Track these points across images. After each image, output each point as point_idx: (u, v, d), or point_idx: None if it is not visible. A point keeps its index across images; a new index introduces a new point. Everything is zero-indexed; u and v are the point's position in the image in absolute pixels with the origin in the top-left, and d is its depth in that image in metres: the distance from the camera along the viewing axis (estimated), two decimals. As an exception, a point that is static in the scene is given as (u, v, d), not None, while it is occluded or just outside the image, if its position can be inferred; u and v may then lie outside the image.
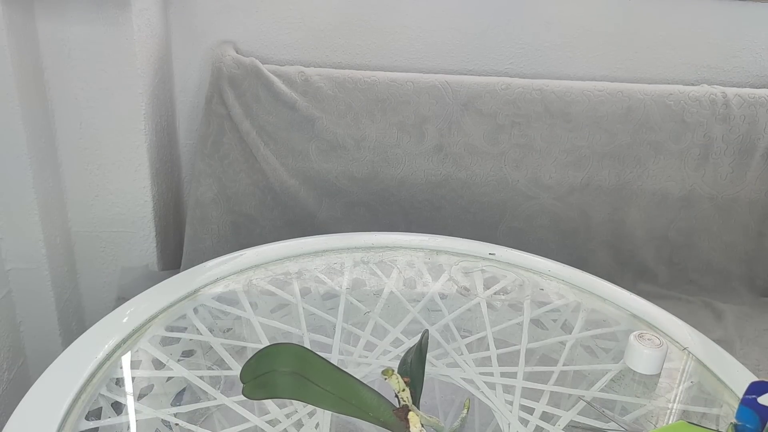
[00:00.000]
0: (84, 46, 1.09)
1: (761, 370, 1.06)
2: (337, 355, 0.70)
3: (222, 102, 1.21)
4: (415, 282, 0.85)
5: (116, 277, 1.28)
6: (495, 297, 0.83)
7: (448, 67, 1.37)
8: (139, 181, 1.21)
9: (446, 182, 1.25)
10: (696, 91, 1.27)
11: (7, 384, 1.11)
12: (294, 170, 1.23)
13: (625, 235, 1.28)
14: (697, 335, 0.77)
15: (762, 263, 1.30)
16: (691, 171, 1.26)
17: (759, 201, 1.27)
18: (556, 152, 1.25)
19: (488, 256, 0.92)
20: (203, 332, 0.71)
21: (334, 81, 1.23)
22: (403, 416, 0.54)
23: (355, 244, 0.91)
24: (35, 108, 1.07)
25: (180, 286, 0.77)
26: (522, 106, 1.24)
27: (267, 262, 0.85)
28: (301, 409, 0.61)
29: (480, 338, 0.76)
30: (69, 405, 0.57)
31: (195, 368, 0.67)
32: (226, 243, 1.24)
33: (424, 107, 1.23)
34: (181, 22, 1.30)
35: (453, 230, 1.25)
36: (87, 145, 1.17)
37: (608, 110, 1.25)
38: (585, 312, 0.82)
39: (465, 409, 0.64)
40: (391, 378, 0.55)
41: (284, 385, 0.53)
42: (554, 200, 1.26)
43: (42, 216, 1.10)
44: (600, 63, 1.38)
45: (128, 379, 0.63)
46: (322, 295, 0.81)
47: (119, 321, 0.69)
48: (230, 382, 0.64)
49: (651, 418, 0.65)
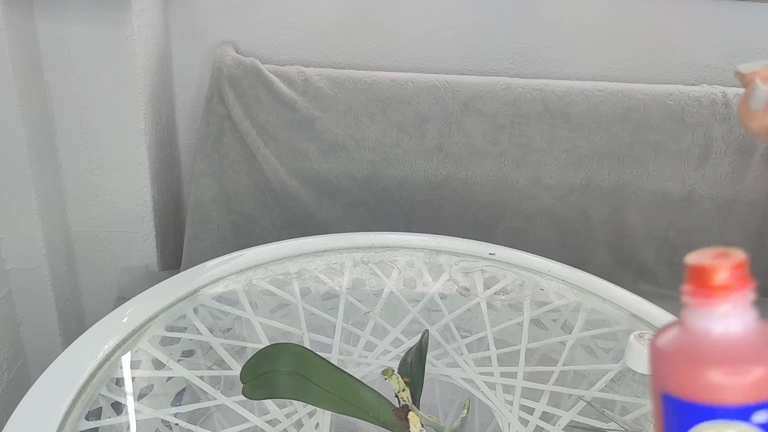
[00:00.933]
0: (84, 46, 1.09)
1: (761, 370, 1.05)
2: (337, 355, 0.70)
3: (222, 102, 1.21)
4: (415, 282, 0.85)
5: (116, 278, 1.28)
6: (495, 297, 0.83)
7: (448, 67, 1.37)
8: (138, 181, 1.21)
9: (446, 182, 1.24)
10: (696, 91, 1.27)
11: (7, 384, 1.11)
12: (294, 170, 1.23)
13: (625, 235, 1.28)
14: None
15: (762, 263, 1.30)
16: (691, 171, 1.26)
17: (759, 201, 1.27)
18: (556, 152, 1.25)
19: (488, 256, 0.92)
20: (203, 332, 0.71)
21: (334, 81, 1.23)
22: (403, 416, 0.54)
23: (355, 244, 0.91)
24: (35, 108, 1.07)
25: (180, 286, 0.77)
26: (522, 106, 1.24)
27: (267, 262, 0.85)
28: (301, 409, 0.61)
29: (480, 338, 0.76)
30: (69, 405, 0.57)
31: (195, 368, 0.67)
32: (226, 243, 1.24)
33: (424, 107, 1.23)
34: (181, 22, 1.30)
35: (453, 230, 1.25)
36: (87, 145, 1.17)
37: (608, 110, 1.25)
38: (585, 312, 0.82)
39: (465, 409, 0.64)
40: (391, 378, 0.55)
41: (284, 385, 0.53)
42: (554, 200, 1.26)
43: (42, 216, 1.09)
44: (600, 63, 1.38)
45: (128, 379, 0.63)
46: (322, 295, 0.81)
47: (119, 321, 0.69)
48: (230, 382, 0.64)
49: (651, 418, 0.65)
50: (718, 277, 0.27)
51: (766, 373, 0.25)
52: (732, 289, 0.27)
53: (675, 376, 0.27)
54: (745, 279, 0.27)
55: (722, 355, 0.26)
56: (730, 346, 0.26)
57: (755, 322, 0.27)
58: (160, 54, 1.25)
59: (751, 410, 0.25)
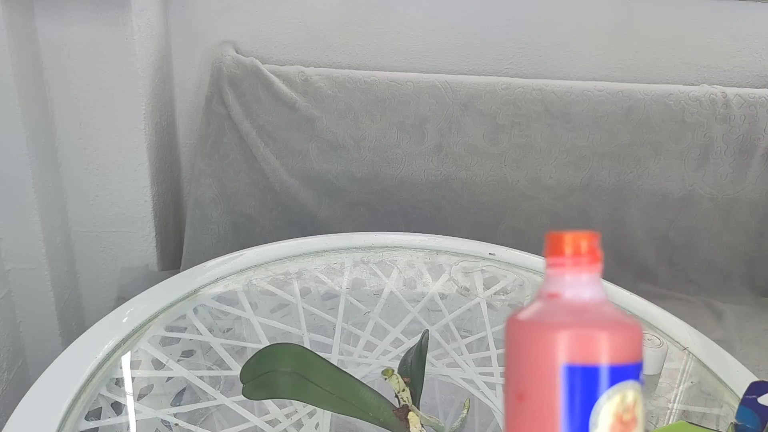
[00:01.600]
0: (84, 46, 1.09)
1: (761, 370, 1.06)
2: (337, 355, 0.70)
3: (222, 102, 1.21)
4: (415, 282, 0.85)
5: (116, 277, 1.28)
6: (495, 297, 0.83)
7: (448, 67, 1.37)
8: (138, 181, 1.21)
9: (446, 182, 1.24)
10: (696, 91, 1.27)
11: (7, 384, 1.11)
12: (294, 170, 1.23)
13: (625, 235, 1.28)
14: (697, 335, 0.77)
15: (762, 263, 1.30)
16: (691, 171, 1.26)
17: (759, 201, 1.27)
18: (556, 152, 1.25)
19: (488, 256, 0.92)
20: (203, 332, 0.71)
21: (334, 81, 1.23)
22: (403, 416, 0.54)
23: (355, 244, 0.91)
24: (35, 108, 1.07)
25: (180, 286, 0.77)
26: (522, 106, 1.24)
27: (267, 262, 0.85)
28: (301, 409, 0.61)
29: (480, 338, 0.76)
30: (69, 405, 0.57)
31: (195, 368, 0.67)
32: (226, 243, 1.24)
33: (424, 107, 1.23)
34: (181, 22, 1.30)
35: (453, 230, 1.25)
36: (87, 145, 1.17)
37: (608, 110, 1.25)
38: (585, 312, 0.82)
39: (465, 409, 0.64)
40: (391, 378, 0.55)
41: (284, 385, 0.53)
42: (554, 200, 1.26)
43: (42, 216, 1.09)
44: (600, 63, 1.38)
45: (128, 379, 0.63)
46: (322, 295, 0.81)
47: (119, 321, 0.69)
48: (230, 382, 0.64)
49: (651, 418, 0.65)
50: (572, 245, 0.28)
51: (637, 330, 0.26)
52: (584, 258, 0.28)
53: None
54: (595, 252, 0.29)
55: (571, 318, 0.27)
56: (579, 309, 0.27)
57: (603, 295, 0.28)
58: (160, 54, 1.25)
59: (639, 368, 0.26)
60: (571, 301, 0.28)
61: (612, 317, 0.27)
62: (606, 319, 0.27)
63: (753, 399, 0.51)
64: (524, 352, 0.26)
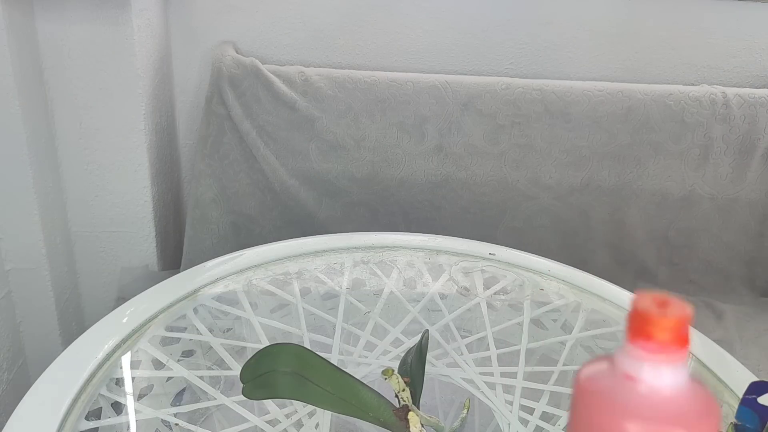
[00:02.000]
0: (84, 46, 1.09)
1: (761, 370, 1.06)
2: (337, 355, 0.70)
3: (222, 102, 1.21)
4: (415, 282, 0.85)
5: (116, 278, 1.28)
6: (495, 297, 0.83)
7: (448, 67, 1.37)
8: (138, 181, 1.21)
9: (446, 182, 1.24)
10: (696, 91, 1.27)
11: (7, 384, 1.11)
12: (294, 170, 1.23)
13: (625, 235, 1.28)
14: (697, 335, 0.77)
15: (762, 263, 1.30)
16: (691, 171, 1.26)
17: (759, 201, 1.27)
18: (556, 152, 1.25)
19: (488, 256, 0.92)
20: (203, 332, 0.71)
21: (334, 81, 1.23)
22: (403, 416, 0.54)
23: (355, 244, 0.91)
24: (35, 108, 1.07)
25: (180, 286, 0.77)
26: (522, 106, 1.24)
27: (267, 262, 0.85)
28: (301, 409, 0.61)
29: (480, 338, 0.76)
30: (69, 405, 0.57)
31: (195, 368, 0.67)
32: (226, 243, 1.24)
33: (424, 107, 1.23)
34: (181, 22, 1.30)
35: (453, 230, 1.25)
36: (87, 145, 1.17)
37: (608, 110, 1.25)
38: (585, 312, 0.82)
39: (465, 409, 0.64)
40: (391, 378, 0.55)
41: (284, 385, 0.53)
42: (554, 200, 1.26)
43: (42, 216, 1.09)
44: (600, 63, 1.38)
45: (128, 379, 0.63)
46: (322, 295, 0.81)
47: (119, 321, 0.69)
48: (230, 382, 0.64)
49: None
50: (661, 331, 0.26)
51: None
52: (672, 344, 0.26)
53: (599, 420, 0.25)
54: (685, 338, 0.26)
55: (648, 410, 0.25)
56: (656, 402, 0.25)
57: (686, 381, 0.26)
58: (160, 54, 1.25)
59: None
60: (650, 389, 0.25)
61: (690, 410, 0.25)
62: (683, 414, 0.25)
63: (753, 399, 0.51)
64: (595, 426, 0.26)
